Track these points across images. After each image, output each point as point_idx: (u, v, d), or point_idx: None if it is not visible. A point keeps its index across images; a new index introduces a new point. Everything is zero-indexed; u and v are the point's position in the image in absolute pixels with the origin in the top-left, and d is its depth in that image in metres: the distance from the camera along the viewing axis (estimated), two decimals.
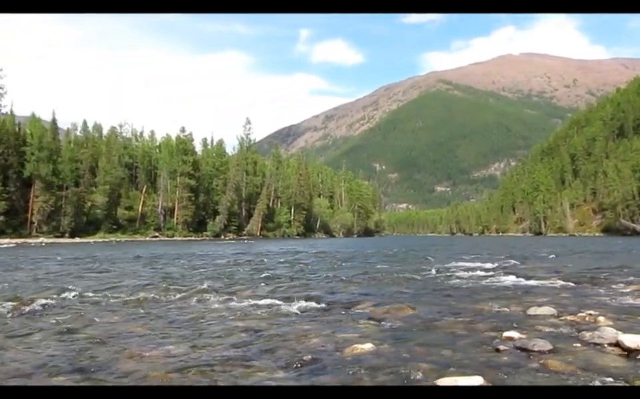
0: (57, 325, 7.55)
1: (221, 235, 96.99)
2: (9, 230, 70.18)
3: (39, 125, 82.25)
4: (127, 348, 6.08)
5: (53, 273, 16.92)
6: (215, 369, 5.20)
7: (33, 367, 5.26)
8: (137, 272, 17.05)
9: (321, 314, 8.41)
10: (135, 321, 7.92)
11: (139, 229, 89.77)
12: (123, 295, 10.60)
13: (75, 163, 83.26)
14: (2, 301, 9.44)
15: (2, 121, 76.22)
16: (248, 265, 20.15)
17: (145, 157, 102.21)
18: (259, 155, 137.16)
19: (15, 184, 72.92)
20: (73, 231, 76.82)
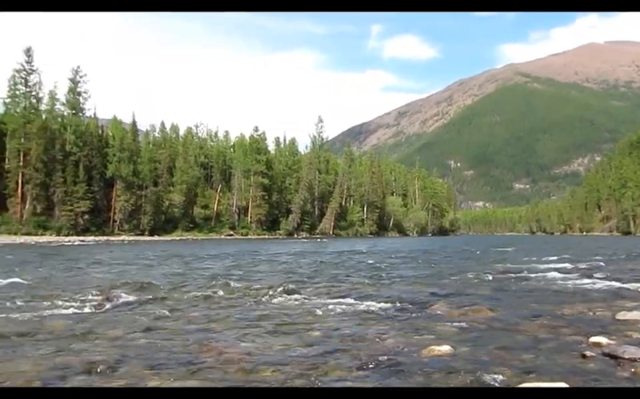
0: (138, 320, 7.81)
1: (294, 234, 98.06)
2: (93, 228, 73.89)
3: (120, 127, 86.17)
4: (206, 344, 6.19)
5: (133, 268, 17.63)
6: (291, 367, 5.21)
7: (115, 361, 5.42)
8: (213, 269, 17.45)
9: (396, 314, 8.31)
10: (213, 317, 8.08)
11: (214, 227, 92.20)
12: (201, 292, 10.88)
13: (154, 163, 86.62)
14: (88, 296, 9.89)
15: (86, 124, 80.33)
16: (320, 264, 20.19)
17: (219, 157, 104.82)
18: (331, 153, 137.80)
19: (99, 184, 76.68)
20: (152, 229, 79.88)
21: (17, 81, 75.13)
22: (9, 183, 71.25)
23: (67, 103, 79.15)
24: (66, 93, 79.02)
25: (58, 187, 71.59)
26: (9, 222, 67.91)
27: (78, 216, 72.32)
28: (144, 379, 4.82)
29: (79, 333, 6.77)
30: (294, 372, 5.02)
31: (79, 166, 74.30)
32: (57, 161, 72.71)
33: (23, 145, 71.96)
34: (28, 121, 72.83)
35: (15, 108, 75.50)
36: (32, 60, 75.45)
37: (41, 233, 67.39)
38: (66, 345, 6.07)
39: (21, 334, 6.66)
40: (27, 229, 67.15)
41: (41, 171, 70.63)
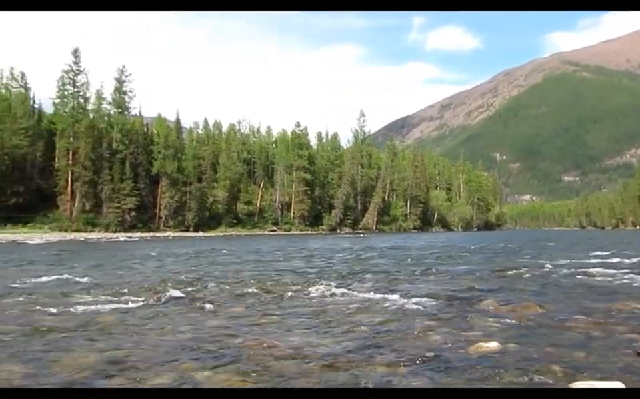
0: (187, 315, 7.95)
1: (336, 229, 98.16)
2: (140, 224, 75.67)
3: (165, 124, 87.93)
4: (254, 338, 6.25)
5: (181, 264, 17.95)
6: (338, 362, 5.20)
7: (165, 355, 5.52)
8: (259, 264, 17.58)
9: (442, 310, 8.22)
10: (260, 312, 8.17)
11: (257, 223, 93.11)
12: (248, 287, 11.01)
13: (198, 160, 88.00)
14: (138, 291, 10.13)
15: (132, 123, 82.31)
16: (364, 259, 20.13)
17: (262, 153, 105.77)
18: (374, 147, 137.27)
19: (145, 181, 78.44)
20: (196, 225, 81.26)
21: (65, 81, 77.45)
22: (59, 181, 73.63)
23: (113, 102, 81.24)
24: (112, 92, 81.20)
25: (105, 184, 73.56)
26: (59, 219, 70.16)
27: (125, 213, 74.16)
28: (193, 373, 4.88)
29: (130, 328, 6.94)
30: (341, 367, 5.03)
31: (125, 164, 76.14)
32: (104, 159, 74.73)
33: (71, 144, 74.25)
34: (76, 121, 75.07)
35: (63, 108, 77.92)
36: (79, 61, 77.64)
37: (89, 229, 69.41)
38: (118, 340, 6.23)
39: (75, 328, 6.88)
40: (76, 226, 69.26)
41: (89, 169, 72.67)
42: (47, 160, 75.90)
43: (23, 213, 68.35)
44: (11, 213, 66.75)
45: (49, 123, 79.74)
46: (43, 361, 5.27)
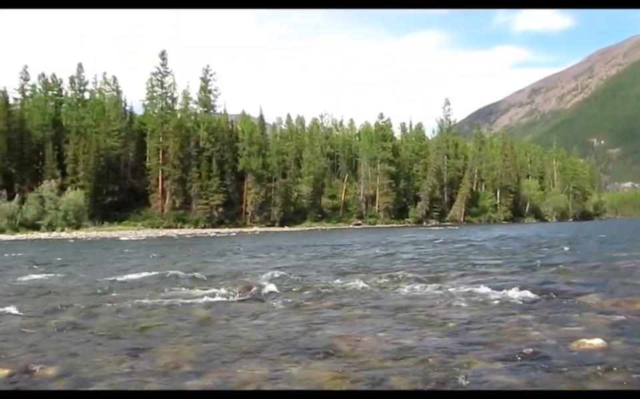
0: (276, 308, 8.13)
1: (422, 222, 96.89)
2: (227, 220, 77.97)
3: (249, 121, 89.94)
4: (341, 333, 6.30)
5: (269, 258, 18.35)
6: (431, 358, 5.16)
7: (256, 348, 5.67)
8: (345, 258, 17.68)
9: (539, 304, 7.94)
10: (348, 306, 8.20)
11: (342, 217, 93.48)
12: (336, 281, 11.10)
13: (282, 155, 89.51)
14: (229, 285, 10.45)
15: (217, 121, 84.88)
16: (452, 252, 19.76)
17: (345, 146, 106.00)
18: (460, 136, 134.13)
19: (231, 178, 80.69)
20: (282, 220, 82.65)
21: (154, 83, 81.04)
22: (150, 179, 77.21)
23: (199, 101, 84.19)
24: (198, 91, 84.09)
25: (194, 182, 76.33)
26: (151, 216, 73.58)
27: (213, 209, 76.63)
28: (286, 366, 4.98)
29: (222, 321, 7.18)
30: (433, 363, 4.98)
31: (212, 161, 78.63)
32: (192, 157, 77.55)
33: (161, 144, 77.69)
34: (165, 121, 78.45)
35: (153, 109, 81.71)
36: (166, 62, 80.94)
37: (179, 226, 72.38)
38: (212, 333, 6.45)
39: (172, 321, 7.20)
40: (167, 223, 72.40)
41: (178, 168, 75.63)
42: (138, 160, 79.79)
43: (118, 211, 72.36)
44: (107, 211, 70.81)
45: (140, 124, 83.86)
46: (145, 352, 5.56)
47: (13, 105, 76.10)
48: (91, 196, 69.23)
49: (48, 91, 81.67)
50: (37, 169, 72.54)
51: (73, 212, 64.81)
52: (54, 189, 66.03)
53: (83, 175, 70.96)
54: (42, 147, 73.37)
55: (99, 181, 71.71)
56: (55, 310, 8.24)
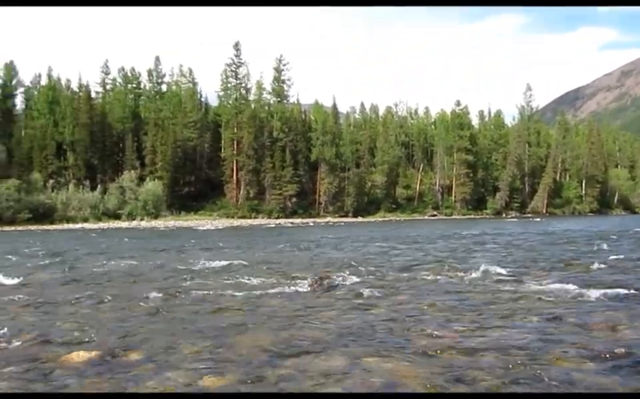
0: (351, 300, 8.14)
1: (502, 213, 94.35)
2: (300, 210, 78.79)
3: (322, 111, 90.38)
4: (417, 326, 6.26)
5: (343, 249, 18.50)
6: (514, 354, 5.04)
7: (332, 339, 5.71)
8: (421, 250, 17.52)
9: (631, 302, 7.57)
10: (424, 299, 8.13)
11: (417, 207, 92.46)
12: (411, 274, 11.05)
13: (355, 145, 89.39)
14: (304, 276, 10.55)
15: (290, 110, 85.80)
16: (536, 245, 19.19)
17: (420, 135, 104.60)
18: (542, 123, 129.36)
19: (304, 168, 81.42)
20: (355, 210, 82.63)
21: (228, 74, 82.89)
22: (225, 170, 79.12)
23: (273, 92, 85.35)
24: (271, 81, 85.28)
25: (267, 172, 77.57)
26: (226, 206, 75.47)
27: (286, 199, 77.64)
28: (363, 358, 4.98)
29: (298, 311, 7.28)
30: (517, 360, 4.85)
31: (285, 151, 79.61)
32: (265, 147, 78.80)
33: (235, 135, 79.42)
34: (239, 112, 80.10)
35: (227, 100, 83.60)
36: (240, 54, 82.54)
37: (253, 216, 73.80)
38: (287, 322, 6.56)
39: (248, 310, 7.38)
40: (241, 213, 73.99)
41: (252, 158, 77.05)
42: (213, 150, 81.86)
43: (194, 202, 74.66)
44: (184, 201, 73.22)
45: (215, 115, 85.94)
46: (224, 339, 5.72)
47: (95, 99, 79.95)
48: (169, 186, 71.73)
49: (127, 85, 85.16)
50: (118, 161, 76.00)
51: (152, 202, 67.41)
52: (134, 180, 68.94)
53: (160, 165, 73.63)
54: (122, 139, 76.80)
55: (176, 172, 74.18)
56: (139, 296, 8.60)
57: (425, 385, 4.33)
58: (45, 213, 59.88)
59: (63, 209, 62.43)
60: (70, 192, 65.33)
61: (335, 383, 4.36)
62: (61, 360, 4.97)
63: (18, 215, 56.80)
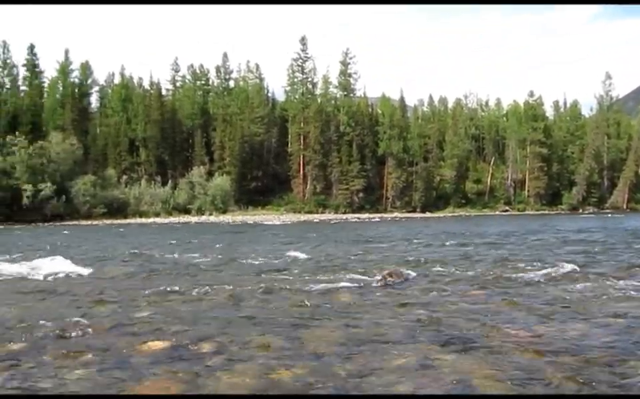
0: (420, 297, 7.97)
1: (578, 209, 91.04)
2: (367, 205, 78.71)
3: (389, 104, 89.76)
4: (491, 323, 6.06)
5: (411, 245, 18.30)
6: (595, 356, 4.76)
7: (402, 336, 5.58)
8: (493, 247, 17.09)
9: None
10: (499, 296, 7.88)
11: (487, 203, 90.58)
12: (484, 269, 10.75)
13: (423, 138, 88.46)
14: (373, 271, 10.43)
15: (357, 104, 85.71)
16: (615, 242, 18.33)
17: (491, 127, 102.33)
18: (623, 113, 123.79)
19: (371, 162, 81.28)
20: (423, 206, 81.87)
21: (295, 69, 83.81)
22: (292, 165, 79.99)
23: (339, 85, 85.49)
24: (337, 75, 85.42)
25: (334, 166, 77.86)
26: (293, 201, 76.33)
27: (353, 194, 77.71)
28: (435, 355, 4.87)
29: (367, 306, 7.18)
30: (598, 362, 4.59)
31: (352, 145, 79.67)
32: (332, 142, 79.13)
33: (302, 129, 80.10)
34: (306, 106, 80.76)
35: (294, 95, 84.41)
36: (306, 48, 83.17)
37: (320, 211, 74.25)
38: (357, 318, 6.47)
39: (316, 305, 7.31)
40: (308, 208, 74.67)
41: (319, 153, 77.54)
42: (280, 145, 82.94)
43: (261, 196, 75.83)
44: (251, 196, 74.51)
45: (282, 110, 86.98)
46: (292, 334, 5.68)
47: (165, 96, 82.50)
48: (236, 181, 73.20)
49: (196, 81, 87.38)
50: (187, 156, 78.21)
51: (220, 197, 69.00)
52: (203, 175, 70.75)
53: (228, 161, 75.23)
54: (191, 135, 79.00)
55: (243, 167, 75.59)
56: (208, 289, 8.70)
57: (499, 385, 4.18)
58: (118, 208, 62.38)
59: (136, 204, 64.81)
60: (142, 187, 67.82)
61: (406, 381, 4.26)
62: (136, 349, 5.10)
63: (94, 209, 59.41)
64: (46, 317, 6.48)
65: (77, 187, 59.79)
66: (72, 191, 59.46)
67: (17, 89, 74.30)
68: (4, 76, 73.67)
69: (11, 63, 74.42)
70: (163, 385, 4.19)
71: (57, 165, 60.52)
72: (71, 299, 7.98)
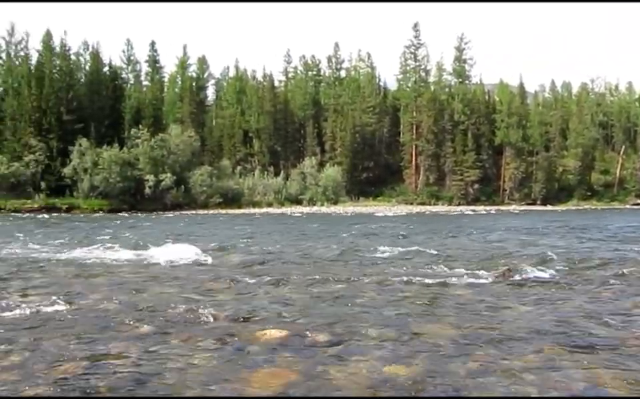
0: (546, 294, 7.63)
1: None
2: (483, 197, 76.65)
3: (507, 91, 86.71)
4: (621, 325, 5.77)
5: (531, 239, 17.51)
6: None
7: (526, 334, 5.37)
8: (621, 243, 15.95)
9: None
10: (627, 298, 7.39)
11: (616, 195, 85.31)
12: (612, 268, 10.07)
13: (544, 126, 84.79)
14: (491, 266, 10.09)
15: (473, 92, 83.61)
16: None
17: (621, 113, 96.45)
18: None
19: (487, 152, 79.09)
20: (544, 198, 78.57)
21: (407, 57, 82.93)
22: (404, 155, 79.43)
23: (454, 72, 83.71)
24: (452, 62, 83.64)
25: (448, 157, 76.49)
26: (405, 192, 75.80)
27: (468, 185, 75.96)
28: (557, 357, 4.67)
29: (484, 303, 6.98)
30: None
31: (467, 135, 77.85)
32: (446, 131, 77.75)
33: (415, 118, 79.29)
34: (418, 95, 79.81)
35: (406, 83, 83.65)
36: (419, 35, 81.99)
37: (433, 202, 73.21)
38: (473, 314, 6.32)
39: (429, 301, 7.15)
40: (421, 199, 73.88)
41: (432, 142, 76.48)
42: (392, 135, 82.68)
43: (372, 187, 75.95)
44: (362, 187, 74.84)
45: (394, 99, 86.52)
46: (408, 328, 5.64)
47: (277, 88, 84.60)
48: (348, 172, 73.77)
49: (308, 72, 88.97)
50: (299, 147, 79.90)
51: (332, 187, 69.78)
52: (314, 166, 71.89)
53: (340, 151, 75.98)
54: (303, 126, 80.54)
55: (355, 158, 76.02)
56: (322, 279, 8.84)
57: (633, 389, 3.98)
58: (233, 198, 64.78)
59: (249, 194, 66.98)
60: (255, 178, 69.95)
61: (528, 384, 4.10)
62: (254, 337, 5.25)
63: (210, 199, 62.10)
64: (170, 302, 6.86)
65: (195, 177, 62.69)
66: (190, 181, 62.45)
67: (139, 84, 79.17)
68: (128, 72, 78.78)
69: (134, 59, 79.47)
70: (280, 373, 4.28)
71: (176, 156, 63.73)
72: (192, 285, 8.35)
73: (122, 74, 76.65)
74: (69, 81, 66.44)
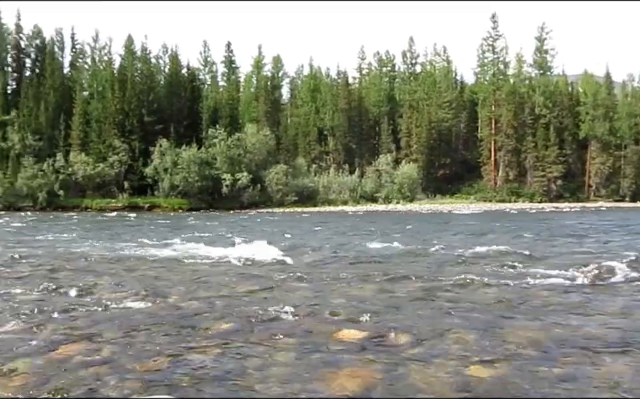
0: (632, 296, 7.38)
1: None
2: (567, 194, 74.05)
3: (592, 81, 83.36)
4: None
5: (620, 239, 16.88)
6: None
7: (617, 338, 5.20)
8: None
9: None
10: None
11: None
12: None
13: (634, 118, 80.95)
14: (580, 266, 9.67)
15: (555, 83, 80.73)
16: None
17: None
18: None
19: (571, 146, 76.31)
20: (633, 194, 75.29)
21: (485, 49, 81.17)
22: (482, 151, 77.73)
23: (534, 64, 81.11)
24: (532, 53, 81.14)
25: (529, 152, 74.29)
26: (483, 189, 74.18)
27: (550, 181, 73.57)
28: None
29: (571, 305, 6.75)
30: None
31: (549, 129, 75.33)
32: (526, 125, 75.54)
33: (493, 113, 77.39)
34: (497, 88, 77.87)
35: (484, 77, 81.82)
36: (497, 26, 79.95)
37: (513, 199, 71.31)
38: (560, 317, 6.10)
39: (514, 301, 6.99)
40: (500, 196, 72.09)
41: (512, 137, 74.48)
42: (469, 131, 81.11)
43: (449, 184, 74.83)
44: (439, 184, 73.88)
45: (471, 93, 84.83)
46: (491, 329, 5.51)
47: (352, 85, 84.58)
48: (424, 169, 73.00)
49: (382, 68, 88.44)
50: (374, 144, 79.62)
51: (407, 185, 69.28)
52: (389, 163, 71.53)
53: (415, 148, 75.25)
54: (378, 123, 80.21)
55: (431, 154, 75.16)
56: (400, 278, 8.83)
57: None
58: (308, 196, 65.46)
59: (325, 192, 67.45)
60: (330, 176, 70.31)
61: (620, 393, 3.92)
62: (333, 336, 5.28)
63: (286, 197, 63.02)
64: (249, 300, 7.04)
65: (270, 176, 63.75)
66: (265, 180, 63.54)
67: (216, 85, 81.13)
68: (205, 73, 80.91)
69: (211, 60, 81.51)
70: (360, 374, 4.27)
71: (252, 155, 65.02)
72: (270, 283, 8.48)
73: (199, 75, 78.98)
74: (150, 84, 69.12)
